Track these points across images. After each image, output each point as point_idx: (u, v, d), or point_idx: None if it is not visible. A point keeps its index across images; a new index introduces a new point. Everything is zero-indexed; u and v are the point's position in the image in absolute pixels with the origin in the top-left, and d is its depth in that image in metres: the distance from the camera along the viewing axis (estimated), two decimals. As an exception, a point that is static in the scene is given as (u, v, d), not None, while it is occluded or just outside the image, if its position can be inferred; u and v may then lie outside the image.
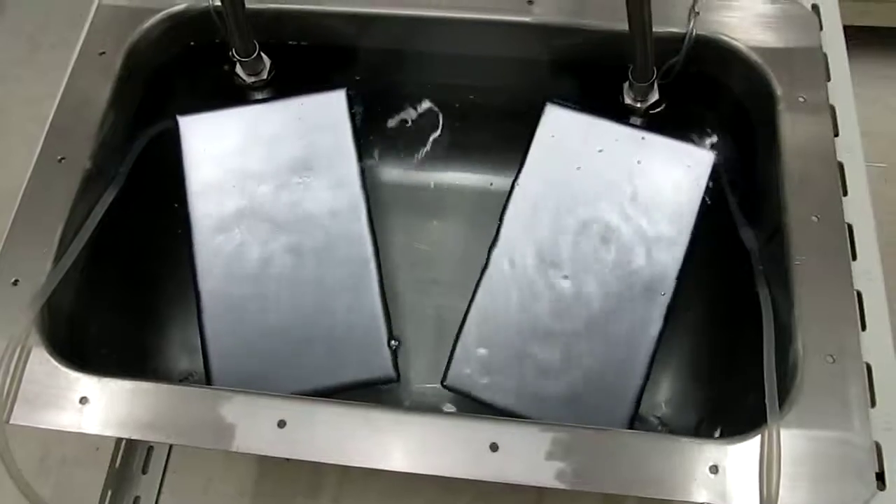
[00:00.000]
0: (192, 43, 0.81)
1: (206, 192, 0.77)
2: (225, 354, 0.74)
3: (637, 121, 0.78)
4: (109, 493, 0.95)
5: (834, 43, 0.74)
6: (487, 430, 0.57)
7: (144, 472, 0.99)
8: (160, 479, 0.99)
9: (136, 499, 0.97)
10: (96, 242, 0.70)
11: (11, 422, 0.59)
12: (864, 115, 1.22)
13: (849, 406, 0.58)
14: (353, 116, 0.79)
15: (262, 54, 0.79)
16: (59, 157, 0.70)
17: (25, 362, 0.61)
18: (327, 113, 0.79)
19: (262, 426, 0.58)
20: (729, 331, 0.77)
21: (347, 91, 0.80)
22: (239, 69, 0.79)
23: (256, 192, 0.77)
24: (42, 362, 0.61)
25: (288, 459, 0.94)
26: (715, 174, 0.75)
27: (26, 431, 0.59)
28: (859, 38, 1.24)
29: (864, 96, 1.24)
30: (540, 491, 0.93)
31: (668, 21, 0.74)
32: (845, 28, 1.19)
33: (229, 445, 0.57)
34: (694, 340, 0.82)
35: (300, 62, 0.82)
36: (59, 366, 0.61)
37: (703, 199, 0.74)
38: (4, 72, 1.36)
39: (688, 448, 0.56)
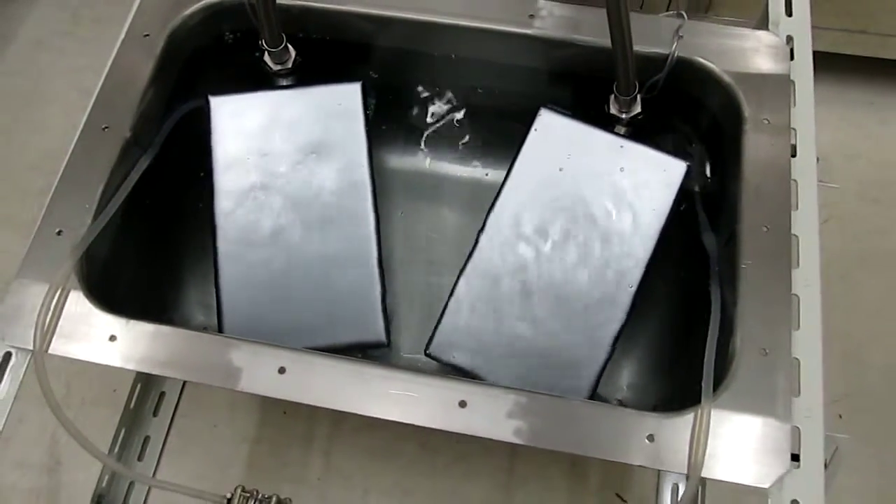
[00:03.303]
0: (226, 31, 0.89)
1: (230, 166, 0.86)
2: (236, 311, 0.83)
3: (621, 129, 0.86)
4: (123, 431, 1.05)
5: (803, 72, 0.81)
6: (458, 389, 0.65)
7: (156, 414, 1.09)
8: (169, 421, 1.09)
9: (147, 438, 1.07)
10: (130, 203, 0.78)
11: (49, 352, 0.68)
12: (847, 138, 1.31)
13: (775, 394, 0.66)
14: (366, 107, 0.88)
15: (289, 45, 0.87)
16: (103, 126, 0.79)
17: (64, 302, 0.70)
18: (344, 103, 0.88)
19: (264, 371, 0.66)
20: (688, 325, 0.85)
21: (363, 84, 0.88)
22: (267, 57, 0.88)
23: (274, 170, 0.86)
24: (78, 303, 0.70)
25: (285, 412, 1.04)
26: (686, 182, 0.83)
27: (52, 372, 0.67)
28: (847, 66, 1.32)
29: (849, 119, 1.33)
30: (512, 454, 1.02)
31: (654, 42, 0.82)
32: (835, 56, 1.27)
33: (235, 385, 0.66)
34: (657, 332, 0.90)
35: (322, 55, 0.91)
36: (93, 307, 0.70)
37: (674, 203, 0.82)
38: (49, 43, 1.45)
39: (629, 418, 0.65)
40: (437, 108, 0.97)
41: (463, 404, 0.65)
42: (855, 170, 1.28)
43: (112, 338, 0.69)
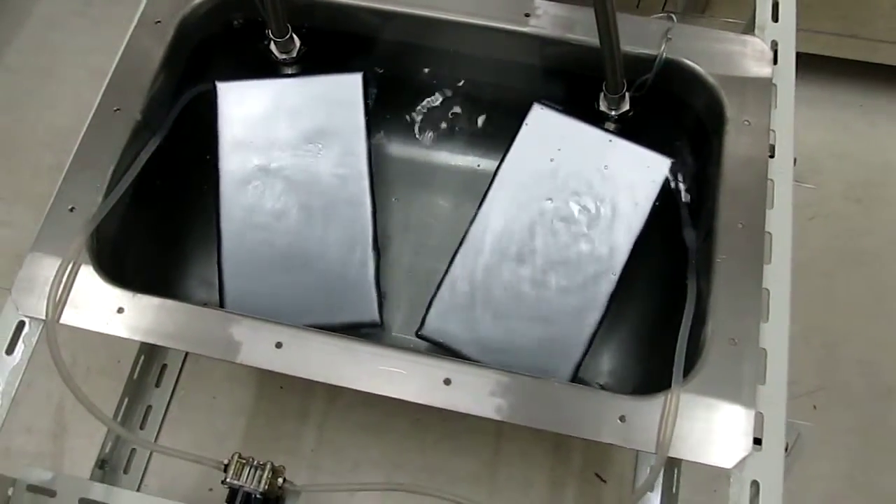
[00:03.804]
0: (234, 20, 0.93)
1: (235, 150, 0.90)
2: (237, 289, 0.87)
3: (610, 126, 0.90)
4: (126, 400, 1.10)
5: (785, 77, 0.85)
6: (444, 367, 0.70)
7: (157, 385, 1.13)
8: (170, 392, 1.13)
9: (149, 408, 1.12)
10: (139, 183, 0.82)
11: (61, 322, 0.72)
12: (835, 139, 1.35)
13: (741, 381, 0.70)
14: (367, 97, 0.92)
15: (294, 36, 0.91)
16: (114, 108, 0.83)
17: (75, 276, 0.74)
18: (345, 92, 0.92)
19: (263, 346, 0.71)
20: (667, 315, 0.89)
21: (364, 74, 0.92)
22: (273, 47, 0.91)
23: (277, 155, 0.90)
24: (88, 277, 0.74)
25: (281, 387, 1.08)
26: (670, 178, 0.87)
27: (60, 342, 0.71)
28: (839, 69, 1.35)
29: (838, 120, 1.36)
30: (498, 434, 1.07)
31: (644, 43, 0.85)
32: (828, 59, 1.30)
33: (234, 358, 0.70)
34: (638, 321, 0.94)
35: (326, 46, 0.94)
36: (103, 281, 0.74)
37: (657, 198, 0.86)
38: (61, 22, 1.48)
39: (603, 399, 0.69)
40: (434, 99, 1.01)
41: (448, 382, 0.69)
42: (841, 170, 1.31)
43: (120, 310, 0.73)
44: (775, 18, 0.88)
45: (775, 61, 0.86)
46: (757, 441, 0.69)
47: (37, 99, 1.40)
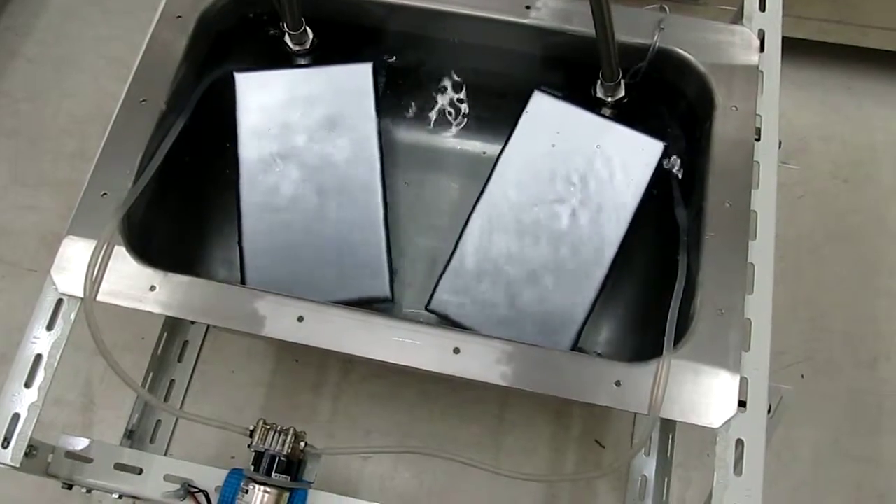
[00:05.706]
0: (251, 14, 0.97)
1: (253, 137, 0.95)
2: (258, 267, 0.93)
3: (606, 111, 0.95)
4: (151, 375, 1.16)
5: (771, 64, 0.90)
6: (453, 337, 0.75)
7: (180, 360, 1.19)
8: (192, 367, 1.19)
9: (172, 381, 1.18)
10: (164, 169, 0.86)
11: (98, 300, 0.78)
12: (825, 121, 1.40)
13: (728, 349, 0.75)
14: (376, 85, 0.97)
15: (308, 28, 0.96)
16: (141, 99, 0.88)
17: (110, 256, 0.79)
18: (356, 81, 0.97)
19: (285, 319, 0.76)
20: (661, 289, 0.94)
21: (374, 64, 0.97)
22: (287, 39, 0.96)
23: (293, 141, 0.95)
24: (122, 257, 0.79)
25: (297, 361, 1.14)
26: (663, 160, 0.92)
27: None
28: (829, 53, 1.40)
29: (827, 103, 1.41)
30: (502, 404, 1.13)
31: (638, 33, 0.90)
32: (818, 43, 1.35)
33: (260, 331, 0.76)
34: (634, 295, 1.00)
35: (337, 37, 0.99)
36: (135, 261, 0.79)
37: (651, 178, 0.92)
38: (79, 12, 1.52)
39: (599, 366, 0.75)
40: (440, 87, 1.06)
41: (457, 351, 0.75)
42: (830, 150, 1.37)
43: (152, 288, 0.78)
44: (762, 8, 0.93)
45: (762, 49, 0.90)
46: (742, 403, 0.74)
47: (56, 88, 1.44)
